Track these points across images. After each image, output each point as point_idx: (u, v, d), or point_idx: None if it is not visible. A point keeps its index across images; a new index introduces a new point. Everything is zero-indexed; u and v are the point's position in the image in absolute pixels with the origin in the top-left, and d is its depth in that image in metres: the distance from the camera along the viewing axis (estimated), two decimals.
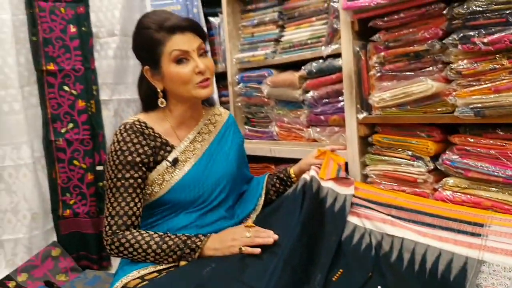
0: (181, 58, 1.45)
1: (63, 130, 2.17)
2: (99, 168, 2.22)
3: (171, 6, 2.33)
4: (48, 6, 2.13)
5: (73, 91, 2.19)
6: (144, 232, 1.40)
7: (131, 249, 1.37)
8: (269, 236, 1.33)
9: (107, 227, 1.40)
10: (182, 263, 1.36)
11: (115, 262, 2.14)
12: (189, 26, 1.46)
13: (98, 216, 2.21)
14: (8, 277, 1.99)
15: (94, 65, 2.23)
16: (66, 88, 2.18)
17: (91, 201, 2.20)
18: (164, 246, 1.36)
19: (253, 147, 2.08)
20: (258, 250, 1.30)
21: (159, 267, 1.36)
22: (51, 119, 2.16)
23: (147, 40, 1.46)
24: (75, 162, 2.17)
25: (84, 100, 2.20)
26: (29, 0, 2.11)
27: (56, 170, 2.17)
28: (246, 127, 2.21)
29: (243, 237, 1.35)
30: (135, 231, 1.40)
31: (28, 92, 2.15)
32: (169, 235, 1.40)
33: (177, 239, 1.38)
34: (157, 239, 1.38)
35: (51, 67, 2.14)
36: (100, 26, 2.26)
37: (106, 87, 2.28)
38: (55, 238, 2.18)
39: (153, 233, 1.40)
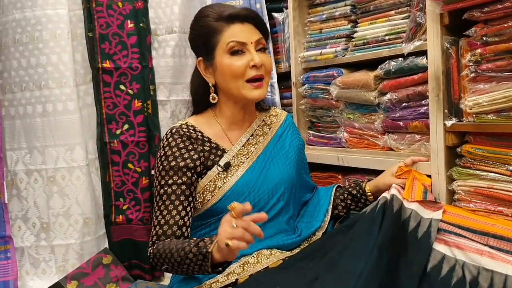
0: (237, 50, 1.35)
1: (118, 132, 2.10)
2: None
3: (233, 1, 2.23)
4: (105, 0, 2.06)
5: (130, 91, 2.11)
6: (175, 241, 1.27)
7: (163, 257, 1.26)
8: (250, 237, 1.09)
9: (150, 237, 1.33)
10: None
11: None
12: (250, 17, 1.37)
13: (152, 223, 2.11)
14: (58, 285, 1.94)
15: (151, 63, 2.15)
16: (122, 87, 2.10)
17: (145, 207, 2.11)
18: (182, 253, 1.22)
19: (318, 154, 1.93)
20: (243, 245, 1.08)
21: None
22: (106, 120, 2.09)
23: (204, 28, 1.39)
24: (130, 165, 2.09)
25: (141, 100, 2.13)
26: None
27: (110, 173, 2.10)
28: (310, 132, 2.06)
29: (229, 227, 1.11)
30: (169, 239, 1.29)
31: (84, 91, 2.10)
32: (189, 240, 1.25)
33: (190, 246, 1.22)
34: (179, 245, 1.23)
35: (107, 64, 2.07)
36: (159, 22, 2.19)
37: (163, 87, 2.21)
38: (106, 245, 2.11)
39: (178, 241, 1.27)
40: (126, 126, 2.10)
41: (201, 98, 1.46)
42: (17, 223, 2.07)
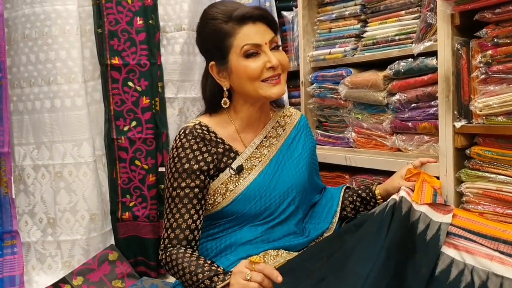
0: (253, 52, 1.31)
1: (125, 128, 2.09)
2: (161, 169, 2.13)
3: None
4: None
5: (138, 87, 2.10)
6: (189, 254, 1.25)
7: (175, 269, 1.25)
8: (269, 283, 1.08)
9: (161, 240, 1.31)
10: None
11: None
12: (261, 16, 1.32)
13: (158, 220, 2.11)
14: (64, 280, 1.95)
15: (160, 60, 2.14)
16: (130, 84, 2.10)
17: (152, 204, 2.10)
18: (194, 278, 1.20)
19: (325, 153, 1.92)
20: None
21: None
22: (114, 116, 2.09)
23: (214, 32, 1.33)
24: (137, 162, 2.09)
25: (149, 97, 2.12)
26: None
27: (117, 170, 2.10)
28: (318, 131, 2.05)
29: (243, 278, 1.08)
30: (182, 250, 1.26)
31: (92, 87, 2.10)
32: (203, 264, 1.22)
33: (203, 274, 1.19)
34: (192, 267, 1.21)
35: (116, 61, 2.07)
36: (168, 20, 2.18)
37: (171, 84, 2.20)
38: (112, 241, 2.11)
39: (195, 258, 1.24)
40: (133, 123, 2.10)
41: (216, 102, 1.41)
42: (24, 218, 2.07)
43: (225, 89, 1.38)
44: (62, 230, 2.03)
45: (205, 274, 1.17)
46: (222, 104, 1.39)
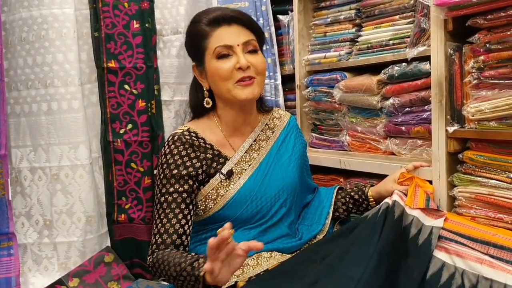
0: (225, 54, 1.33)
1: (121, 131, 2.10)
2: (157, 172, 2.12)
3: (238, 3, 2.22)
4: (111, 0, 2.06)
5: (134, 90, 2.10)
6: (175, 252, 1.26)
7: (161, 267, 1.25)
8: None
9: (150, 245, 1.32)
10: None
11: None
12: (236, 18, 1.35)
13: (152, 231, 2.11)
14: (60, 281, 1.94)
15: (156, 63, 2.14)
16: (126, 87, 2.10)
17: (147, 207, 2.10)
18: (178, 268, 1.20)
19: (320, 156, 1.93)
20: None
21: None
22: (110, 119, 2.09)
23: (194, 34, 1.39)
24: (132, 165, 2.09)
25: (145, 100, 2.12)
26: None
27: (113, 172, 2.10)
28: (313, 134, 2.06)
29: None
30: (168, 250, 1.27)
31: (89, 90, 2.10)
32: (187, 255, 1.23)
33: (185, 263, 1.20)
34: (176, 259, 1.22)
35: (112, 64, 2.07)
36: (164, 23, 2.18)
37: (167, 87, 2.20)
38: (108, 243, 2.11)
39: (180, 253, 1.25)
40: (129, 126, 2.10)
41: (200, 103, 1.45)
42: (20, 220, 2.07)
43: (205, 89, 1.42)
44: (58, 232, 2.02)
45: (187, 262, 1.18)
46: (205, 104, 1.42)
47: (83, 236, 2.04)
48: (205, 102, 1.42)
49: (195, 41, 1.39)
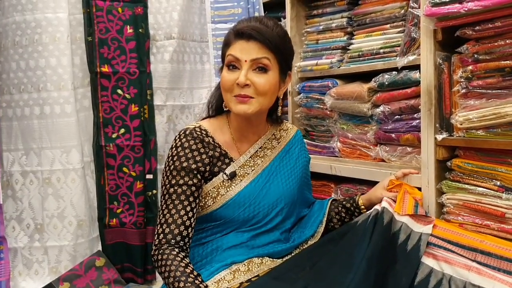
0: (233, 65, 1.37)
1: (114, 135, 2.10)
2: (149, 176, 2.13)
3: (231, 9, 2.25)
4: (105, 5, 2.07)
5: (127, 95, 2.11)
6: (180, 258, 1.27)
7: (163, 269, 1.26)
8: None
9: (156, 235, 1.32)
10: None
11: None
12: (255, 36, 1.35)
13: (145, 227, 2.11)
14: (50, 286, 1.94)
15: (149, 68, 2.15)
16: (119, 91, 2.10)
17: (139, 211, 2.11)
18: (176, 284, 1.22)
19: (312, 162, 1.91)
20: None
21: None
22: (102, 123, 2.09)
23: (225, 39, 1.43)
24: (125, 169, 2.09)
25: (137, 104, 2.13)
26: None
27: (105, 176, 2.10)
28: (305, 140, 2.06)
29: None
30: (175, 252, 1.28)
31: (81, 94, 2.10)
32: (189, 273, 1.24)
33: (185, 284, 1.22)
34: (178, 273, 1.23)
35: (106, 69, 2.08)
36: (158, 28, 2.19)
37: (160, 92, 2.21)
38: (100, 248, 2.11)
39: (184, 264, 1.25)
40: (122, 130, 2.11)
41: (217, 103, 1.50)
42: (11, 223, 2.06)
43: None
44: (49, 236, 2.02)
45: (186, 285, 1.19)
46: (223, 107, 1.46)
47: (74, 240, 2.04)
48: (223, 104, 1.46)
49: (223, 45, 1.43)
